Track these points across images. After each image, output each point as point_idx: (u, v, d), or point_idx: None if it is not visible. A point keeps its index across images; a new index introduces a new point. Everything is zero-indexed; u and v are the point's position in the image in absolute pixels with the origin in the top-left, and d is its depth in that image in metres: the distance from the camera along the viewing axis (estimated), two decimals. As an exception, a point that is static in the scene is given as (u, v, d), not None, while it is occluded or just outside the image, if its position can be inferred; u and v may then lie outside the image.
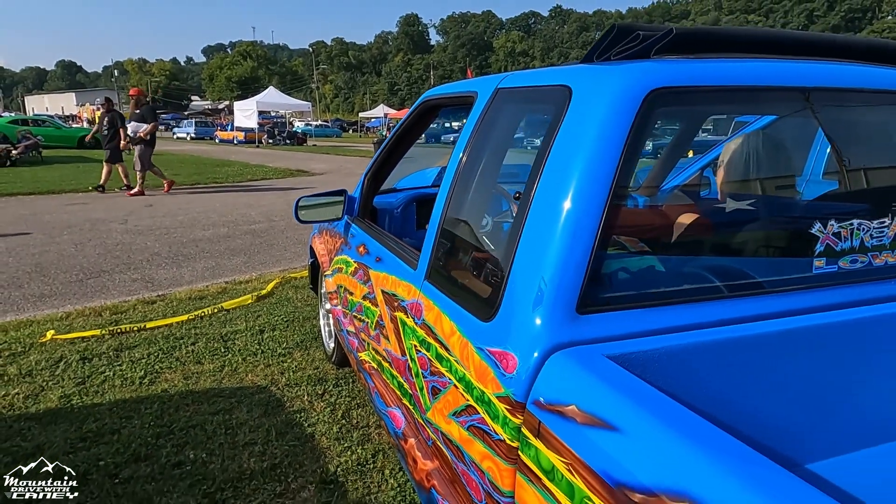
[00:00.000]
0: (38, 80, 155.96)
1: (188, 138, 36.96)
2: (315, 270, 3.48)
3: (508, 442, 1.07)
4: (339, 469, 2.28)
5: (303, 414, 2.72)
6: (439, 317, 1.42)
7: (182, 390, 2.95)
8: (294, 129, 38.34)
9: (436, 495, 1.45)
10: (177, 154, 21.75)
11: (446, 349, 1.35)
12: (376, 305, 1.97)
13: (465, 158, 1.54)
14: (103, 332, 3.70)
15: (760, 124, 1.99)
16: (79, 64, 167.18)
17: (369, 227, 2.28)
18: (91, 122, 33.54)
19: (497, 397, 1.11)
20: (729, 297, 1.21)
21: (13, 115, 27.27)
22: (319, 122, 53.36)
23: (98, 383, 3.00)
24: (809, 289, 1.27)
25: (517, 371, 1.07)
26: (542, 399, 0.99)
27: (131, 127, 10.08)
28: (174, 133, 39.89)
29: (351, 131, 55.45)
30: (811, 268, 1.28)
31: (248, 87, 75.51)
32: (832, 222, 1.29)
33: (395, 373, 1.79)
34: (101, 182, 10.73)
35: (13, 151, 15.11)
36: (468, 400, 1.24)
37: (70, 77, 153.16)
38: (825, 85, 1.27)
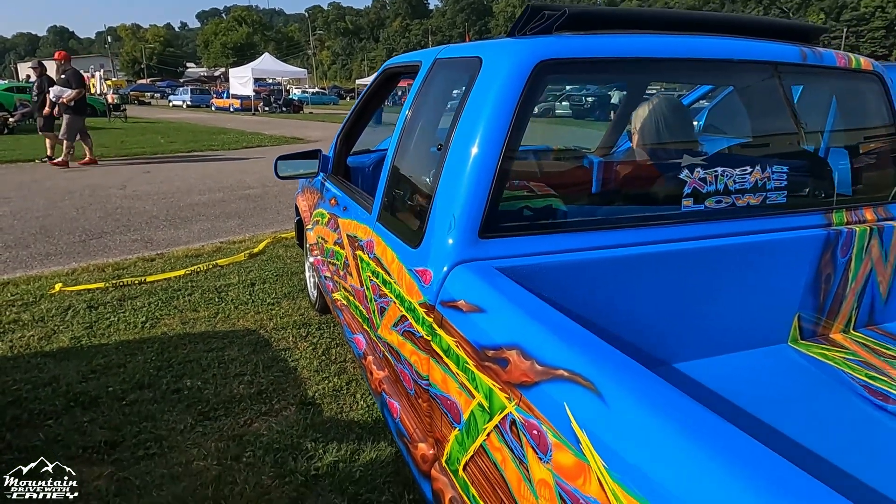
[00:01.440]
0: (31, 47, 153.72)
1: (184, 106, 36.82)
2: (300, 227, 3.78)
3: (425, 336, 1.38)
4: (316, 394, 2.63)
5: (287, 352, 3.06)
6: (385, 249, 1.73)
7: (180, 333, 3.28)
8: (290, 96, 38.12)
9: (385, 396, 1.79)
10: (173, 122, 21.83)
11: (389, 274, 1.67)
12: (343, 248, 2.28)
13: (408, 118, 1.83)
14: (107, 284, 4.03)
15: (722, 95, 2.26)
16: (71, 30, 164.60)
17: (340, 182, 2.58)
18: (87, 90, 33.43)
19: (419, 304, 1.43)
20: (607, 228, 1.51)
21: (6, 82, 27.15)
22: (317, 90, 52.96)
23: (104, 327, 3.34)
24: (678, 223, 1.57)
25: (432, 282, 1.38)
26: (444, 299, 1.30)
27: (54, 91, 9.30)
28: (170, 101, 39.69)
29: (349, 98, 55.05)
30: (680, 206, 1.58)
31: (243, 54, 74.60)
32: (698, 169, 1.59)
33: (357, 303, 2.12)
34: (49, 153, 10.04)
35: (10, 119, 15.24)
36: (402, 311, 1.55)
37: (62, 43, 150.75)
38: (695, 56, 1.55)
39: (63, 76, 9.35)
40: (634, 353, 1.49)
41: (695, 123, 3.52)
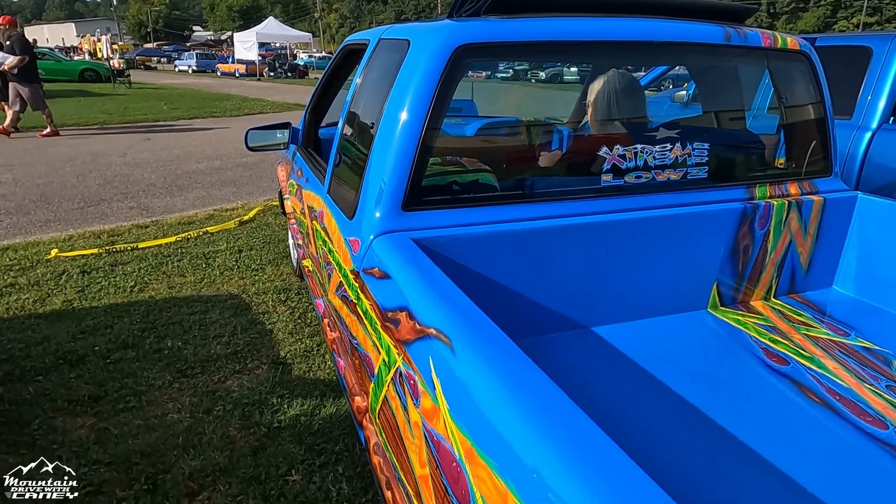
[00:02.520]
0: (37, 9, 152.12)
1: (190, 71, 36.62)
2: (282, 196, 3.91)
3: (353, 300, 1.52)
4: (288, 354, 2.80)
5: (266, 315, 3.23)
6: (330, 220, 1.85)
7: (166, 297, 3.46)
8: (295, 61, 37.75)
9: (335, 355, 1.94)
10: (178, 87, 21.81)
11: (332, 243, 1.80)
12: (306, 218, 2.42)
13: (354, 95, 1.93)
14: (101, 250, 4.20)
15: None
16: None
17: (306, 154, 2.70)
18: (92, 54, 33.25)
19: (350, 271, 1.56)
20: (531, 202, 1.63)
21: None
22: (323, 54, 52.31)
23: (95, 291, 3.52)
24: (598, 197, 1.68)
25: (360, 251, 1.51)
26: (366, 267, 1.43)
27: None
28: (176, 66, 39.46)
29: (355, 63, 54.10)
30: (600, 182, 1.69)
31: (249, 17, 73.46)
32: (618, 146, 1.69)
33: (316, 270, 2.26)
34: (8, 123, 9.53)
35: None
36: (341, 278, 1.69)
37: (69, 6, 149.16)
38: (615, 39, 1.63)
39: (8, 42, 9.00)
40: (557, 317, 1.63)
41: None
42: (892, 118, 4.06)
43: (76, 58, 31.05)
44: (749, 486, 1.13)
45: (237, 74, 31.48)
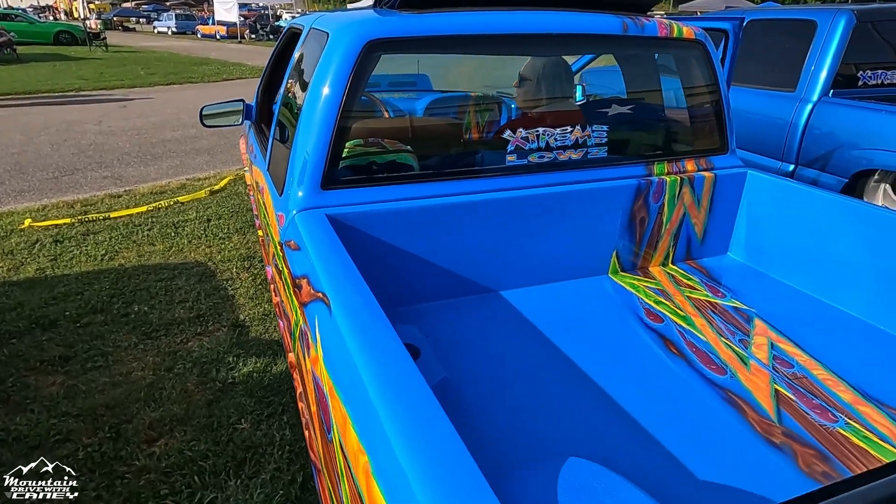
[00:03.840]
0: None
1: (169, 33, 35.72)
2: (247, 167, 4.07)
3: (281, 269, 1.73)
4: (247, 317, 3.02)
5: (229, 281, 3.43)
6: (268, 195, 2.04)
7: (135, 265, 3.64)
8: (278, 22, 36.91)
9: (279, 318, 2.16)
10: (155, 51, 21.41)
11: (269, 217, 2.00)
12: (256, 191, 2.60)
13: (289, 78, 2.10)
14: (73, 220, 4.35)
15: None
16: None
17: (257, 130, 2.87)
18: (69, 14, 32.32)
19: (278, 242, 1.76)
20: (442, 180, 1.82)
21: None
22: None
23: (67, 259, 3.69)
24: (504, 175, 1.88)
25: (284, 224, 1.71)
26: (286, 239, 1.63)
27: None
28: (155, 27, 38.45)
29: (340, 25, 52.93)
30: (504, 161, 1.88)
31: (231, -24, 71.10)
32: (520, 129, 1.88)
33: (264, 239, 2.45)
34: None
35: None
36: (274, 248, 1.89)
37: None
38: (517, 31, 1.80)
39: None
40: (468, 282, 1.85)
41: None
42: (831, 91, 4.25)
43: (50, 19, 30.17)
44: (602, 424, 1.37)
45: (218, 37, 30.80)
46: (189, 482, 1.95)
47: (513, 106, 2.15)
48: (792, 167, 4.43)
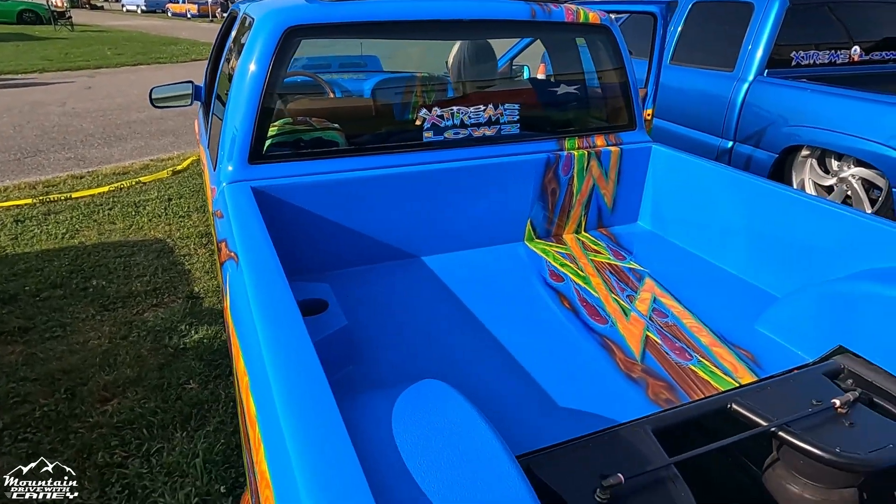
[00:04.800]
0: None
1: (138, 11, 34.93)
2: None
3: (216, 235, 1.89)
4: (202, 290, 3.17)
5: (187, 257, 3.57)
6: (206, 170, 2.20)
7: (95, 242, 3.76)
8: None
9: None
10: (123, 30, 20.99)
11: (207, 190, 2.15)
12: (203, 169, 2.74)
13: (223, 63, 2.24)
14: (35, 201, 4.44)
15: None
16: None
17: (204, 109, 3.00)
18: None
19: (211, 213, 1.92)
20: (363, 154, 1.99)
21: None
22: (281, -7, 50.07)
23: (28, 238, 3.80)
24: (421, 150, 2.06)
25: (216, 196, 1.87)
26: (216, 209, 1.80)
27: None
28: (123, 5, 37.50)
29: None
30: (422, 137, 2.06)
31: (202, -48, 69.29)
32: (436, 108, 2.06)
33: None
34: None
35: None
36: (210, 219, 2.05)
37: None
38: (429, 18, 1.97)
39: None
40: (390, 248, 2.03)
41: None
42: (766, 71, 4.48)
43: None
44: (483, 363, 1.57)
45: (189, 15, 30.22)
46: (138, 435, 2.13)
47: (436, 86, 2.32)
48: (731, 144, 4.67)
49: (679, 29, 5.27)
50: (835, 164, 4.08)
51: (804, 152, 4.23)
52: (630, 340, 1.68)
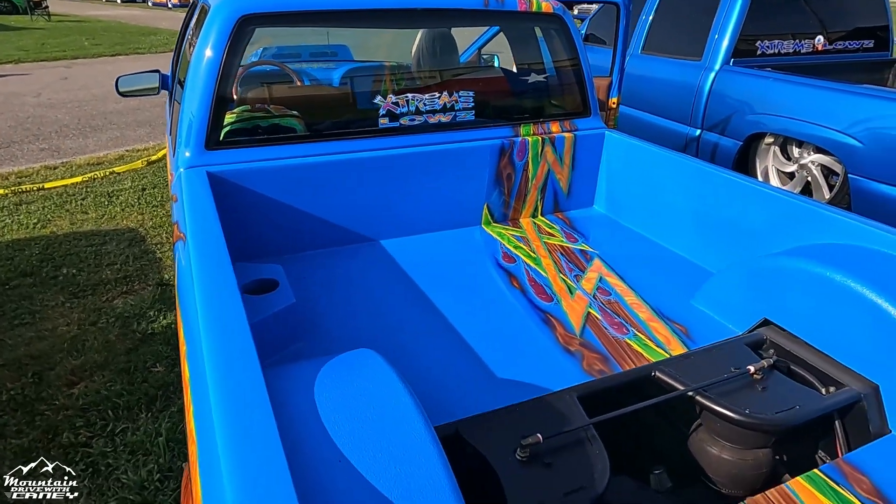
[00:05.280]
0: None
1: (118, 1, 34.38)
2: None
3: (172, 218, 1.94)
4: (172, 277, 3.21)
5: (158, 246, 3.60)
6: (168, 156, 2.24)
7: (67, 232, 3.78)
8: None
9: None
10: (102, 20, 20.69)
11: (169, 175, 2.19)
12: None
13: (183, 51, 2.27)
14: (6, 191, 4.43)
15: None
16: None
17: (169, 97, 3.03)
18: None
19: (170, 196, 1.97)
20: (320, 140, 2.05)
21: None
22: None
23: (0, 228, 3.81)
24: (377, 136, 2.11)
25: (174, 181, 1.92)
26: (173, 193, 1.85)
27: None
28: (103, -5, 36.86)
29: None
30: (378, 124, 2.12)
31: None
32: (391, 95, 2.11)
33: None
34: None
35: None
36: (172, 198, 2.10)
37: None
38: (381, 6, 2.02)
39: None
40: (349, 232, 2.09)
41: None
42: (732, 60, 4.57)
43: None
44: (427, 337, 1.64)
45: (170, 5, 29.81)
46: (104, 416, 2.18)
47: (395, 75, 2.37)
48: (698, 132, 4.77)
49: (650, 19, 5.35)
50: (796, 151, 4.19)
51: (767, 140, 4.34)
52: (571, 316, 1.76)
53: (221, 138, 1.93)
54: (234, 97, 2.02)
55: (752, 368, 1.40)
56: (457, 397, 1.42)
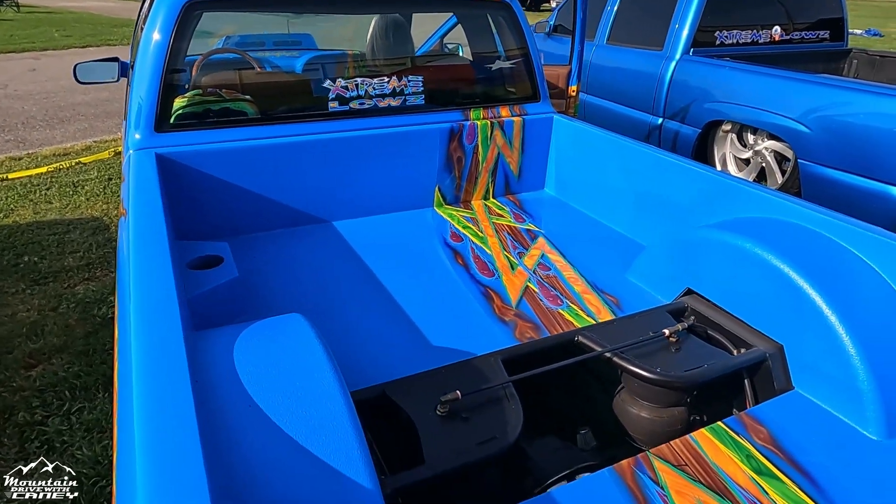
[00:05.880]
0: None
1: (91, -8, 33.68)
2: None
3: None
4: (135, 264, 3.23)
5: (123, 233, 3.62)
6: (122, 138, 2.27)
7: (30, 221, 3.77)
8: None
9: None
10: (73, 12, 20.27)
11: (123, 158, 2.23)
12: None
13: (136, 35, 2.30)
14: (-31, 182, 4.40)
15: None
16: None
17: (127, 83, 3.05)
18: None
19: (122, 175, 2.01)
20: (271, 123, 2.10)
21: None
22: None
23: (-40, 218, 3.79)
24: (327, 119, 2.17)
25: (124, 162, 1.96)
26: (123, 173, 1.89)
27: None
28: (75, -14, 36.08)
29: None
30: (327, 107, 2.17)
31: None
32: (340, 80, 2.17)
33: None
34: None
35: None
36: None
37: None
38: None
39: None
40: (301, 214, 2.14)
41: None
42: (692, 50, 4.68)
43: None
44: (383, 316, 1.69)
45: (144, -3, 29.28)
46: (61, 396, 2.21)
47: (348, 61, 2.43)
48: (660, 120, 4.88)
49: (615, 9, 5.45)
50: (751, 138, 4.32)
51: (725, 127, 4.46)
52: (510, 290, 1.84)
53: (172, 121, 1.97)
54: (187, 82, 2.06)
55: (667, 332, 1.49)
56: (389, 363, 1.48)
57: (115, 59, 3.07)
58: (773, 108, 3.95)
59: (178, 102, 2.02)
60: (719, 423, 1.31)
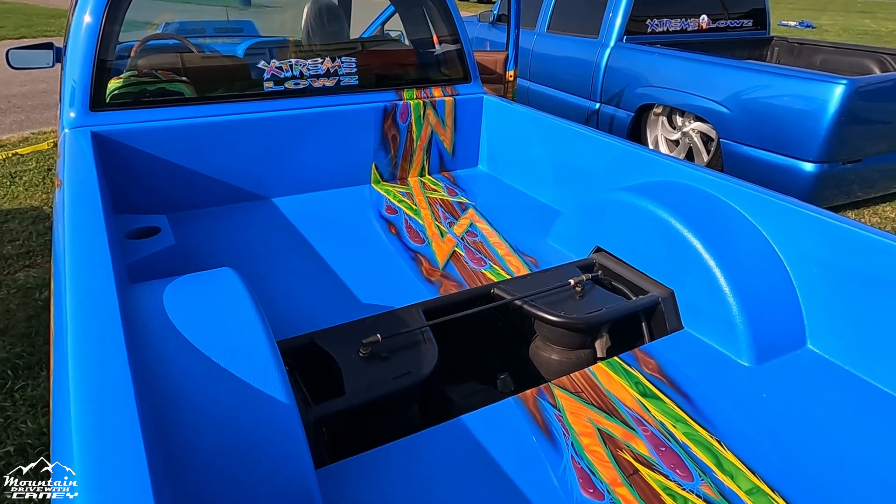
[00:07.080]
0: None
1: (25, -18, 32.12)
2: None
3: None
4: (78, 250, 3.23)
5: (64, 222, 3.59)
6: (58, 119, 2.30)
7: (-34, 212, 3.70)
8: (153, -28, 34.05)
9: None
10: (6, 2, 19.35)
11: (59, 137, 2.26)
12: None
13: (68, 21, 2.33)
14: None
15: None
16: None
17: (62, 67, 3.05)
18: None
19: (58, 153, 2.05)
20: (206, 103, 2.16)
21: None
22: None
23: None
24: (262, 99, 2.25)
25: (60, 139, 2.00)
26: (60, 152, 1.93)
27: None
28: (7, -25, 34.33)
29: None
30: (262, 87, 2.25)
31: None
32: (274, 60, 2.25)
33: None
34: None
35: None
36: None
37: None
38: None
39: None
40: (238, 190, 2.22)
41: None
42: (625, 37, 4.90)
43: None
44: (316, 278, 1.80)
45: (83, -13, 28.10)
46: (3, 375, 2.24)
47: (284, 45, 2.51)
48: (597, 105, 5.10)
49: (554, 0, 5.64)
50: (679, 120, 4.58)
51: (656, 110, 4.71)
52: (438, 254, 1.98)
53: (108, 100, 2.02)
54: (122, 63, 2.11)
55: (572, 282, 1.65)
56: (319, 316, 1.58)
57: (50, 45, 3.05)
58: (698, 92, 4.21)
59: (114, 83, 2.07)
60: (615, 357, 1.48)
